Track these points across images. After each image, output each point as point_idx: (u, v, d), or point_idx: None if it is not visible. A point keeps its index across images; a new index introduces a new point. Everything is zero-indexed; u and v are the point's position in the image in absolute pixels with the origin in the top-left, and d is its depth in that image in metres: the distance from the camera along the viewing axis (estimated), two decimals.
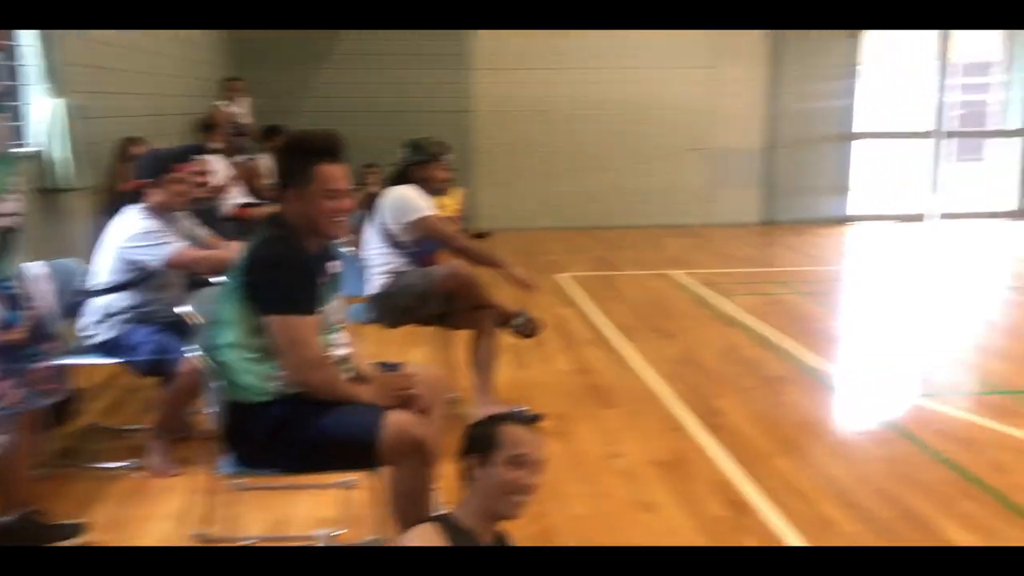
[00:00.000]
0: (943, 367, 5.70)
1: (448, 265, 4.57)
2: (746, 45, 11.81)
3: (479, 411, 4.23)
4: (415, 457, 2.72)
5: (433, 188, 4.68)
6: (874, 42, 12.47)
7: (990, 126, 13.20)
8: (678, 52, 11.78)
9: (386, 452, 2.71)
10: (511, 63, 11.57)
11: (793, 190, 12.15)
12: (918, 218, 12.40)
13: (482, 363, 4.51)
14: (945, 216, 12.38)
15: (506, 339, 4.70)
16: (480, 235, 9.92)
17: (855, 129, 12.30)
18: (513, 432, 2.31)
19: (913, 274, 8.93)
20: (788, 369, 5.55)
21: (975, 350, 6.13)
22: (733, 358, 5.75)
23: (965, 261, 9.53)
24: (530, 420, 2.39)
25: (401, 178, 4.67)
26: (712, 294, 7.60)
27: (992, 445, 4.24)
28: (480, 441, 2.32)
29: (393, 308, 4.54)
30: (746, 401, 4.89)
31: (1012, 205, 12.55)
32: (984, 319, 7.06)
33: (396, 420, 2.72)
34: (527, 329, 4.60)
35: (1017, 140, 12.50)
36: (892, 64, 15.84)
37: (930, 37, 12.60)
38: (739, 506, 3.63)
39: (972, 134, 15.04)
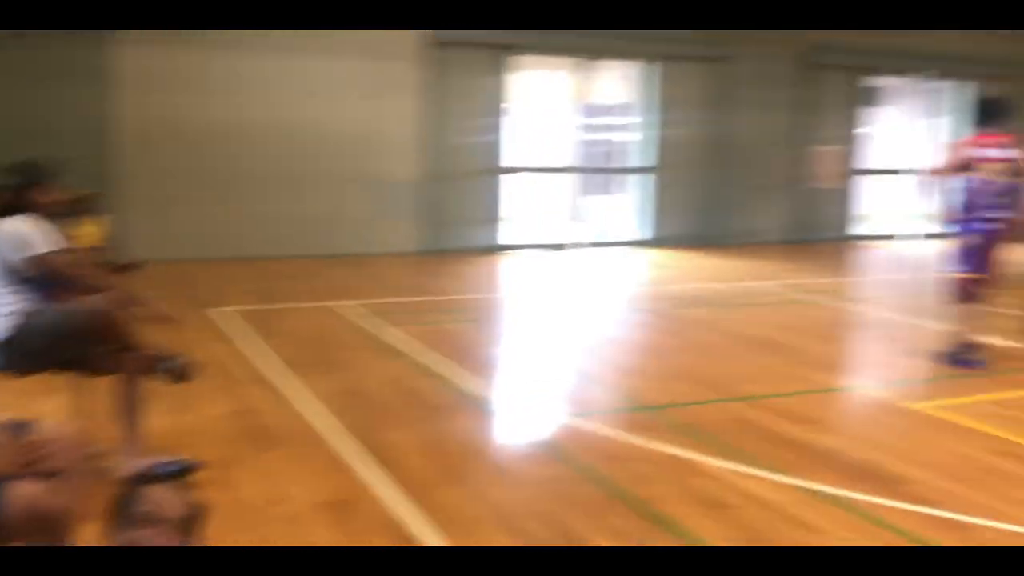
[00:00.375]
0: (592, 387, 6.13)
1: (90, 302, 4.13)
2: (405, 76, 12.09)
3: (128, 465, 3.86)
4: (45, 530, 2.39)
5: (50, 214, 4.18)
6: (520, 81, 13.30)
7: (625, 163, 14.56)
8: (338, 79, 11.79)
9: (11, 528, 2.36)
10: (159, 82, 10.93)
11: (450, 220, 12.59)
12: (561, 247, 13.37)
13: (129, 412, 4.13)
14: (586, 245, 13.46)
15: (157, 384, 4.35)
16: (128, 267, 9.16)
17: (505, 163, 13.01)
18: (146, 489, 2.13)
19: (560, 300, 9.57)
20: (453, 397, 5.67)
21: (617, 369, 6.67)
22: (400, 389, 5.77)
23: (604, 286, 10.39)
24: (185, 471, 2.21)
25: (12, 207, 4.11)
26: (377, 325, 7.62)
27: (636, 459, 4.60)
28: (116, 501, 2.13)
29: (24, 354, 4.02)
30: (414, 432, 4.91)
31: (645, 235, 13.90)
32: (623, 340, 7.72)
33: (21, 492, 2.38)
34: (180, 372, 4.28)
35: (649, 176, 13.89)
36: (536, 103, 17.01)
37: (567, 80, 13.67)
38: (407, 540, 3.62)
39: (609, 170, 16.51)
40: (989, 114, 6.72)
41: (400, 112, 12.19)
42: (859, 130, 15.20)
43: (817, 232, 14.81)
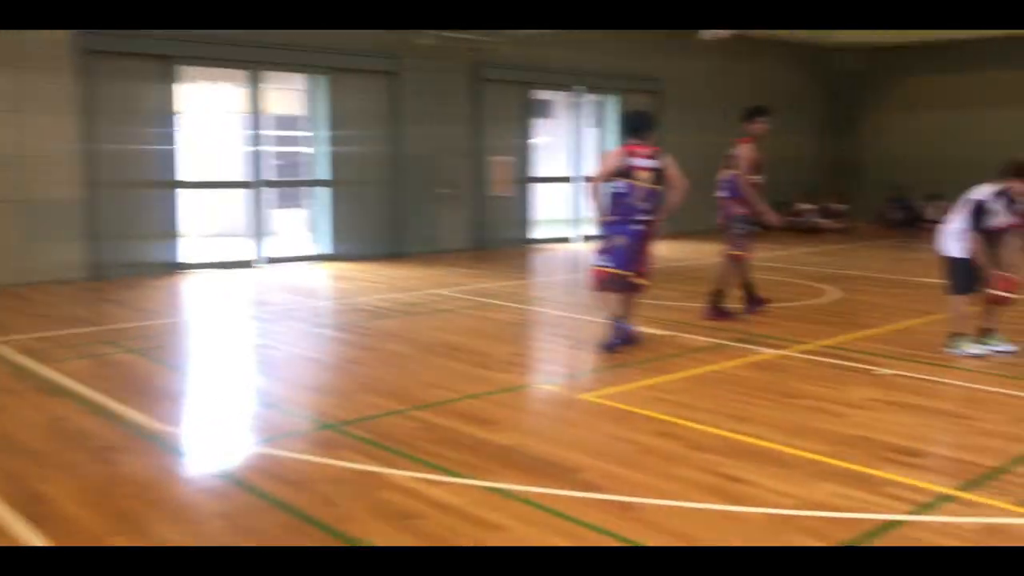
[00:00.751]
0: (276, 410, 5.95)
1: None
2: (53, 88, 11.09)
3: None
4: None
5: None
6: (190, 91, 12.68)
7: (306, 176, 14.32)
8: None
9: None
10: None
11: (121, 240, 11.73)
12: (245, 264, 12.91)
13: None
14: (270, 261, 13.11)
15: None
16: None
17: (179, 177, 12.35)
18: None
19: (242, 320, 9.23)
20: (124, 436, 5.26)
21: (303, 389, 6.54)
22: (60, 433, 5.26)
23: (290, 303, 10.14)
24: None
25: None
26: (33, 363, 6.91)
27: (322, 480, 4.53)
28: None
29: None
30: (76, 479, 4.50)
31: (329, 249, 13.76)
32: (309, 357, 7.58)
33: None
34: None
35: (330, 189, 13.73)
36: (210, 114, 16.34)
37: (239, 92, 13.25)
38: None
39: (287, 183, 16.20)
40: (635, 126, 7.43)
41: (52, 126, 11.15)
42: (530, 140, 16.07)
43: (497, 238, 15.47)
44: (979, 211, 6.93)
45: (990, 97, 18.45)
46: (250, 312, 9.74)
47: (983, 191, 6.99)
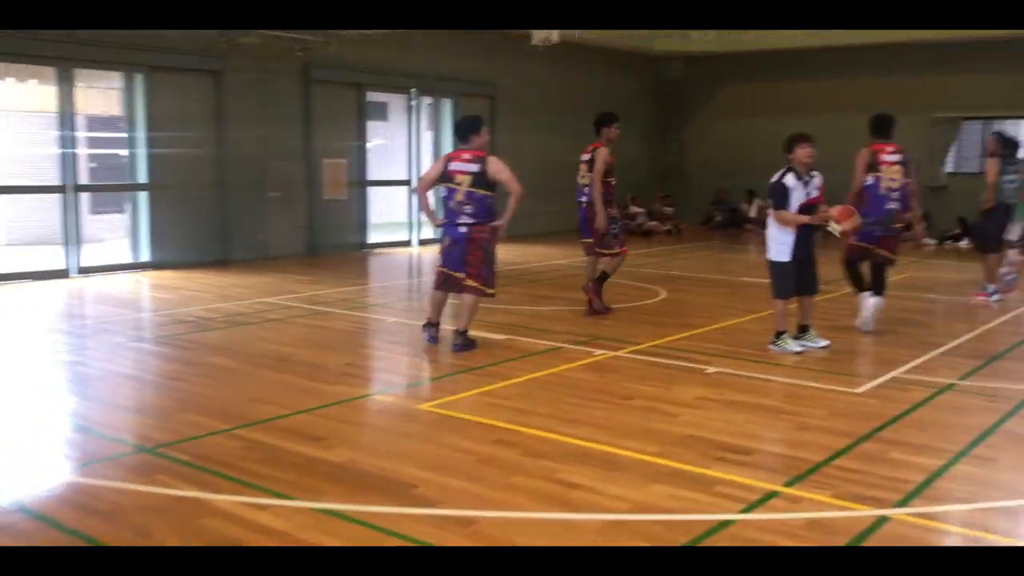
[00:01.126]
0: (87, 433, 5.50)
1: None
2: None
3: None
4: None
5: None
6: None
7: (124, 180, 13.48)
8: None
9: None
10: None
11: None
12: (61, 274, 12.04)
13: None
14: (86, 270, 12.27)
15: None
16: None
17: None
18: None
19: (52, 335, 8.55)
20: None
21: (118, 409, 6.08)
22: None
23: (106, 316, 9.49)
24: None
25: None
26: None
27: (136, 509, 4.19)
28: None
29: None
30: None
31: (148, 257, 12.97)
32: (125, 375, 7.04)
33: None
34: None
35: (149, 194, 12.96)
36: (17, 113, 15.21)
37: (49, 90, 12.35)
38: None
39: (103, 187, 15.26)
40: (459, 131, 7.60)
41: None
42: (365, 143, 15.75)
43: (331, 243, 15.08)
44: (778, 191, 7.32)
45: (805, 104, 19.44)
46: (61, 326, 9.05)
47: (776, 174, 7.41)
